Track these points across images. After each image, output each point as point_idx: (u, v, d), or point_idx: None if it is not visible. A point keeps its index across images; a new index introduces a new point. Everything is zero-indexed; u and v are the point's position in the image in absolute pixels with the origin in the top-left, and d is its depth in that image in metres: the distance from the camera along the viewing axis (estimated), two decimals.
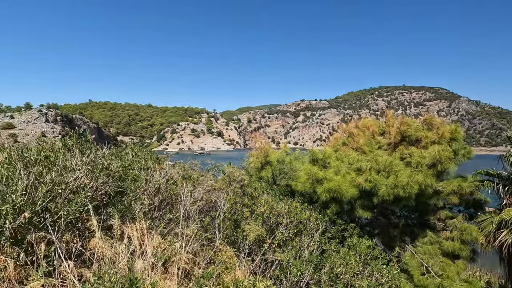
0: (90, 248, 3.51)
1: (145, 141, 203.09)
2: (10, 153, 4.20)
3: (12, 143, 8.75)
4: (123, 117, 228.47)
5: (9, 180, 3.52)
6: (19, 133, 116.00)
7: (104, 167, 4.64)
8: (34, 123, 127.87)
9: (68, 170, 4.31)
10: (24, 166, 3.72)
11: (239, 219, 6.51)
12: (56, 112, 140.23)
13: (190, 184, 6.59)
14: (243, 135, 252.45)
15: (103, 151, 5.65)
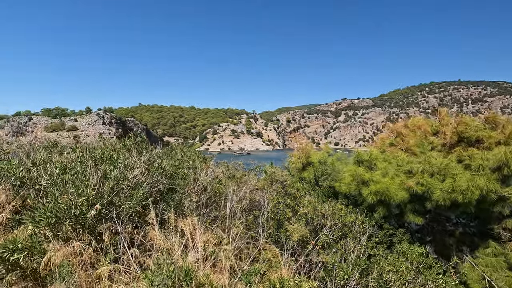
0: (149, 239, 3.85)
1: (189, 141, 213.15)
2: (82, 153, 4.78)
3: (76, 143, 9.85)
4: (169, 119, 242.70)
5: (82, 176, 4.01)
6: (81, 134, 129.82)
7: (160, 166, 5.02)
8: (93, 125, 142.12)
9: (128, 168, 4.77)
10: (94, 164, 4.21)
11: (282, 219, 6.55)
12: (111, 115, 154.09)
13: (234, 183, 6.82)
14: (282, 136, 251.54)
15: (156, 151, 6.11)
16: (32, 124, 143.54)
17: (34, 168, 4.56)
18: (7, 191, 3.70)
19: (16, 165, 4.45)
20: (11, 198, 3.68)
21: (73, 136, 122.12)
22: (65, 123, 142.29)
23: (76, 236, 3.64)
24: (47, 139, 17.29)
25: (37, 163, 4.78)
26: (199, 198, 6.14)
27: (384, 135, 11.82)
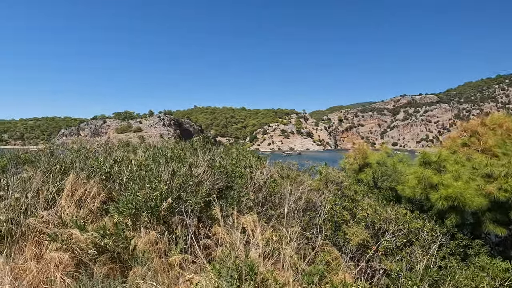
0: (212, 233, 4.10)
1: (239, 141, 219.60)
2: (155, 151, 5.31)
3: (141, 143, 10.87)
4: (221, 120, 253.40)
5: (156, 172, 4.45)
6: (145, 134, 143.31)
7: (221, 165, 5.29)
8: (155, 126, 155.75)
9: (193, 166, 5.15)
10: (166, 162, 4.64)
11: (339, 222, 6.36)
12: (170, 117, 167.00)
13: (289, 183, 6.84)
14: (334, 136, 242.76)
15: (218, 150, 6.47)
16: (106, 126, 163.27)
17: (115, 165, 5.21)
18: (97, 184, 4.29)
19: (102, 162, 5.13)
20: (100, 190, 4.27)
21: (138, 137, 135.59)
22: (132, 125, 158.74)
23: (152, 227, 4.06)
24: (119, 139, 19.76)
25: (117, 161, 5.45)
26: (255, 196, 6.31)
27: (455, 134, 10.62)
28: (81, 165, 4.81)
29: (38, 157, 9.65)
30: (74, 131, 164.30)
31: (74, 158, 5.19)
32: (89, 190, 4.15)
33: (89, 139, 24.18)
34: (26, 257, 3.31)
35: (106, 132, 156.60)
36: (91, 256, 3.54)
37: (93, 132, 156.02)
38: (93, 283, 2.95)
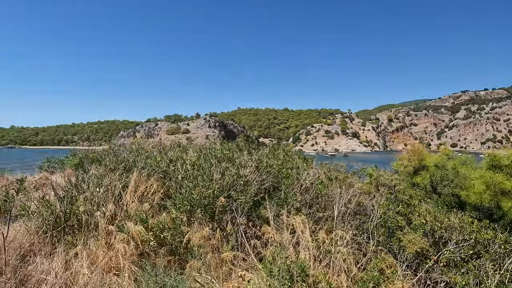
0: (262, 232, 4.17)
1: (282, 142, 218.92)
2: (206, 152, 5.59)
3: (189, 144, 11.50)
4: (264, 121, 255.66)
5: (208, 172, 4.68)
6: (192, 136, 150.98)
7: (268, 165, 5.35)
8: (201, 128, 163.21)
9: (241, 166, 5.30)
10: (217, 162, 4.85)
11: (393, 227, 5.98)
12: (215, 119, 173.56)
13: (337, 186, 6.64)
14: (383, 136, 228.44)
15: (264, 151, 6.56)
16: (158, 128, 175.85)
17: (171, 164, 5.60)
18: (156, 181, 4.65)
19: (159, 161, 5.55)
20: (159, 187, 4.62)
21: (186, 138, 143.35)
22: (181, 127, 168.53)
23: (205, 223, 4.27)
24: (170, 140, 21.20)
25: (172, 160, 5.85)
26: (302, 197, 6.25)
27: None
28: (142, 164, 5.27)
29: (104, 156, 10.78)
30: (130, 133, 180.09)
31: (136, 158, 5.70)
32: (149, 187, 4.52)
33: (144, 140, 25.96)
34: (99, 245, 3.72)
35: (158, 134, 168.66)
36: (152, 248, 3.85)
37: (147, 134, 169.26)
38: (155, 272, 3.21)
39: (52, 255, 3.77)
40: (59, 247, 3.90)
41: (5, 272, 3.36)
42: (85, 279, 3.30)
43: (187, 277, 3.42)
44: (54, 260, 3.62)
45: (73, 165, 10.54)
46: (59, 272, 3.35)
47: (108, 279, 3.31)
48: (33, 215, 4.30)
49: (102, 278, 3.30)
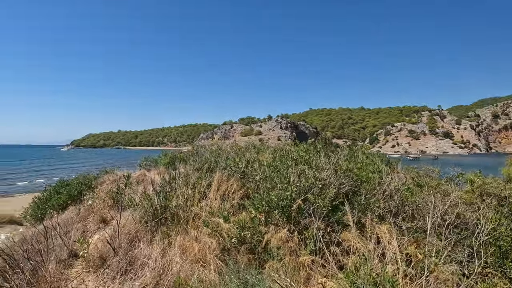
0: (342, 239, 3.96)
1: (357, 143, 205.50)
2: (281, 154, 5.63)
3: (261, 145, 11.76)
4: (337, 121, 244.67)
5: (285, 173, 4.69)
6: (264, 137, 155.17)
7: (347, 168, 5.07)
8: (273, 129, 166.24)
9: (319, 169, 5.14)
10: (295, 164, 4.83)
11: (506, 247, 4.91)
12: (286, 121, 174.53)
13: (431, 193, 5.83)
14: (485, 136, 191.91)
15: (342, 153, 6.24)
16: (233, 130, 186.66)
17: (248, 165, 5.82)
18: (236, 181, 4.90)
19: (238, 162, 5.83)
20: (239, 187, 4.86)
21: (259, 139, 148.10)
22: (254, 128, 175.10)
23: (282, 225, 4.29)
24: (244, 142, 22.34)
25: (250, 161, 6.08)
26: (385, 204, 5.70)
27: None
28: (223, 165, 5.63)
29: (189, 156, 11.92)
30: (209, 135, 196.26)
31: (217, 159, 6.12)
32: (230, 186, 4.79)
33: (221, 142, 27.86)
34: (189, 237, 4.11)
35: (233, 135, 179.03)
36: (234, 245, 4.06)
37: (223, 135, 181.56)
38: (237, 268, 3.37)
39: (151, 243, 4.35)
40: (157, 236, 4.48)
41: (118, 253, 4.03)
42: (178, 267, 3.69)
43: (266, 277, 3.48)
44: (153, 247, 4.17)
45: (164, 163, 12.00)
46: (158, 258, 3.84)
47: (197, 269, 3.62)
48: (137, 207, 5.05)
49: (191, 268, 3.64)
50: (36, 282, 3.26)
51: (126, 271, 3.77)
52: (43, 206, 10.84)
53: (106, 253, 4.08)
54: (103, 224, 5.42)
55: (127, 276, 3.74)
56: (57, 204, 10.27)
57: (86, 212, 6.13)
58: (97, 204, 6.27)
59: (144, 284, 3.49)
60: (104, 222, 5.52)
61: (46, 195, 11.62)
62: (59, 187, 11.70)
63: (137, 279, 3.64)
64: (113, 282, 3.65)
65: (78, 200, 10.29)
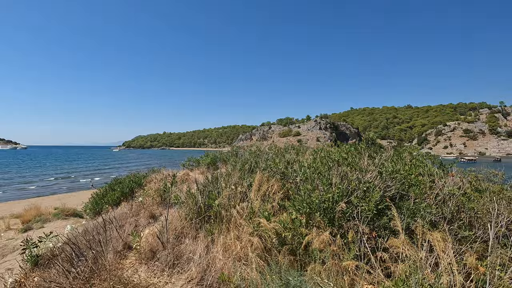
0: (389, 245, 3.74)
1: (404, 144, 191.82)
2: (322, 155, 5.52)
3: (299, 146, 11.59)
4: (381, 121, 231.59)
5: (327, 175, 4.58)
6: (303, 138, 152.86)
7: (393, 170, 4.79)
8: (312, 130, 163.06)
9: (362, 170, 4.93)
10: (337, 165, 4.70)
11: None
12: (326, 121, 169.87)
13: (492, 199, 5.24)
14: None
15: (386, 154, 5.91)
16: (271, 131, 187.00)
17: (288, 166, 5.80)
18: (277, 182, 4.92)
19: (278, 163, 5.83)
20: (279, 188, 4.86)
21: (297, 140, 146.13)
22: (292, 129, 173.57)
23: (324, 227, 4.20)
24: (282, 142, 22.29)
25: (290, 162, 6.05)
26: (437, 210, 5.27)
27: None
28: (264, 166, 5.69)
29: (229, 157, 12.23)
30: (248, 136, 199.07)
31: (257, 159, 6.20)
32: (271, 187, 4.82)
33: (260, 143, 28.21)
34: (231, 236, 4.23)
35: (271, 137, 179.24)
36: (275, 245, 4.08)
37: (261, 137, 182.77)
38: (279, 268, 3.38)
39: (196, 239, 4.55)
40: (201, 233, 4.68)
41: (166, 247, 4.29)
42: (221, 264, 3.81)
43: (308, 279, 3.44)
44: (198, 244, 4.36)
45: (206, 164, 12.45)
46: (202, 254, 4.01)
47: (239, 267, 3.71)
48: (182, 204, 5.33)
49: (234, 265, 3.74)
50: (97, 269, 3.62)
51: (173, 265, 4.00)
52: (100, 201, 11.95)
53: (156, 247, 4.38)
54: (152, 220, 5.82)
55: (174, 269, 3.96)
56: (112, 200, 11.25)
57: (138, 208, 6.63)
58: (147, 201, 6.75)
59: (190, 278, 3.68)
60: (153, 217, 5.92)
61: (103, 192, 12.79)
62: (113, 184, 12.80)
63: (184, 273, 3.85)
64: (162, 274, 3.90)
65: (129, 197, 11.16)
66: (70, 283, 3.39)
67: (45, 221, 15.94)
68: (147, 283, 3.69)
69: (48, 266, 4.80)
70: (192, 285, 3.63)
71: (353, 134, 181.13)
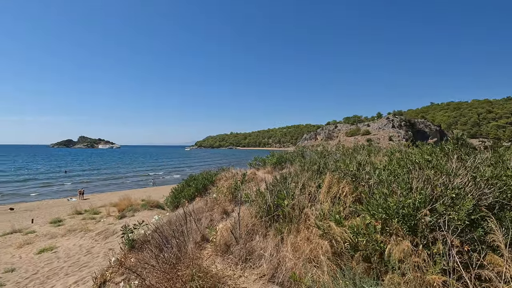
0: (487, 262, 3.23)
1: (502, 143, 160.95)
2: (399, 156, 5.07)
3: (368, 146, 10.79)
4: (470, 117, 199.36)
5: (406, 178, 4.21)
6: (373, 137, 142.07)
7: (493, 176, 4.11)
8: (383, 129, 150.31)
9: (450, 175, 4.36)
10: (419, 168, 4.27)
11: None
12: (400, 118, 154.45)
13: None
14: None
15: (483, 156, 5.09)
16: (337, 130, 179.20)
17: (360, 168, 5.50)
18: (348, 184, 4.73)
19: (348, 164, 5.59)
20: (351, 191, 4.66)
21: (366, 140, 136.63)
22: (360, 128, 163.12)
23: (403, 235, 3.86)
24: (349, 142, 20.86)
25: (361, 164, 5.73)
26: None
27: None
28: (333, 167, 5.52)
29: (294, 157, 12.21)
30: (312, 135, 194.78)
31: (326, 160, 6.05)
32: (341, 189, 4.65)
33: (326, 143, 27.66)
34: (301, 236, 4.24)
35: (337, 136, 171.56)
36: (347, 250, 3.93)
37: (327, 136, 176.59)
38: (354, 275, 3.25)
39: (266, 237, 4.70)
40: (270, 231, 4.81)
41: (239, 242, 4.54)
42: (291, 263, 3.86)
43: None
44: (268, 242, 4.49)
45: (272, 163, 12.68)
46: (273, 252, 4.12)
47: (309, 269, 3.70)
48: (252, 202, 5.55)
49: (304, 266, 3.74)
50: (181, 256, 4.07)
51: (246, 260, 4.22)
52: (178, 195, 13.28)
53: (229, 241, 4.68)
54: (225, 215, 6.23)
55: (247, 264, 4.18)
56: (188, 195, 12.40)
57: (212, 203, 7.18)
58: (220, 198, 7.25)
59: (262, 274, 3.82)
60: (226, 213, 6.33)
61: (180, 187, 14.18)
62: (189, 181, 14.07)
63: (255, 268, 4.02)
64: (236, 267, 4.15)
65: (203, 193, 12.13)
66: (160, 266, 3.90)
67: (135, 211, 18.51)
68: (223, 274, 3.98)
69: (141, 249, 5.59)
70: (264, 281, 3.77)
71: (434, 132, 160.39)
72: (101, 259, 8.79)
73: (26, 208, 30.94)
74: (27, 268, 9.60)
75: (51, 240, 13.87)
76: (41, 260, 10.51)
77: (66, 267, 8.78)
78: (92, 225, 16.41)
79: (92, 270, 7.33)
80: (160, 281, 3.66)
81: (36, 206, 32.79)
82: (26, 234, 16.06)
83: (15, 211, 29.19)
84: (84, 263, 8.90)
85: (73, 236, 14.08)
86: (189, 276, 3.66)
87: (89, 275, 6.88)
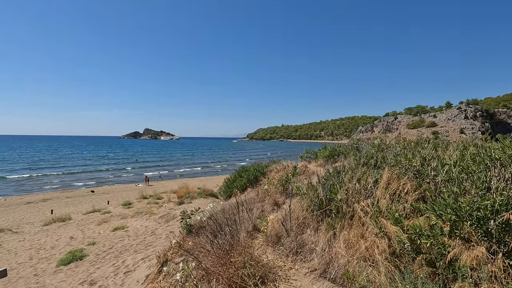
0: None
1: None
2: (474, 151, 4.45)
3: (435, 139, 9.60)
4: None
5: (482, 176, 3.68)
6: (440, 129, 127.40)
7: None
8: (453, 120, 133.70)
9: None
10: (500, 165, 3.71)
11: None
12: (475, 108, 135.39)
13: None
14: None
15: None
16: (397, 122, 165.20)
17: (425, 163, 4.98)
18: (410, 181, 4.34)
19: (411, 159, 5.11)
20: (413, 188, 4.27)
21: (432, 132, 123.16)
22: (425, 119, 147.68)
23: (476, 241, 3.41)
24: (411, 135, 18.94)
25: (426, 159, 5.19)
26: None
27: None
28: (393, 162, 5.12)
29: (348, 150, 11.67)
30: (369, 128, 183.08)
31: (385, 154, 5.62)
32: (402, 186, 4.29)
33: (384, 135, 25.88)
34: (355, 233, 4.05)
35: (397, 128, 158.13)
36: (407, 252, 3.64)
37: (385, 129, 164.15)
38: (415, 279, 3.00)
39: (317, 231, 4.60)
40: (322, 225, 4.70)
41: (290, 234, 4.54)
42: (344, 260, 3.72)
43: None
44: (319, 236, 4.40)
45: (324, 156, 12.31)
46: (325, 247, 4.02)
47: (364, 268, 3.52)
48: (303, 196, 5.48)
49: (359, 264, 3.58)
50: (234, 244, 4.25)
51: (296, 252, 4.21)
52: (231, 185, 13.80)
53: (280, 232, 4.71)
54: (276, 207, 6.28)
55: (297, 256, 4.16)
56: (240, 185, 12.80)
57: (263, 194, 7.30)
58: (270, 189, 7.32)
59: (313, 268, 3.77)
60: (277, 205, 6.37)
61: (233, 178, 14.71)
62: (241, 172, 14.50)
63: (306, 262, 3.98)
64: (286, 259, 4.17)
65: (254, 184, 12.39)
66: (214, 251, 4.13)
67: (192, 198, 19.85)
68: (274, 264, 4.04)
69: (197, 234, 5.98)
70: (315, 276, 3.71)
71: None
72: (163, 240, 9.68)
73: (103, 191, 35.76)
74: (104, 243, 11.12)
75: (123, 220, 15.76)
76: (115, 236, 12.05)
77: (135, 245, 9.91)
78: (156, 209, 18.16)
79: (156, 249, 8.13)
80: (215, 265, 3.87)
81: (111, 189, 37.66)
82: (104, 214, 18.57)
83: (95, 194, 33.93)
84: (149, 242, 9.93)
85: (140, 218, 15.77)
86: (241, 263, 3.79)
87: (153, 253, 7.65)
